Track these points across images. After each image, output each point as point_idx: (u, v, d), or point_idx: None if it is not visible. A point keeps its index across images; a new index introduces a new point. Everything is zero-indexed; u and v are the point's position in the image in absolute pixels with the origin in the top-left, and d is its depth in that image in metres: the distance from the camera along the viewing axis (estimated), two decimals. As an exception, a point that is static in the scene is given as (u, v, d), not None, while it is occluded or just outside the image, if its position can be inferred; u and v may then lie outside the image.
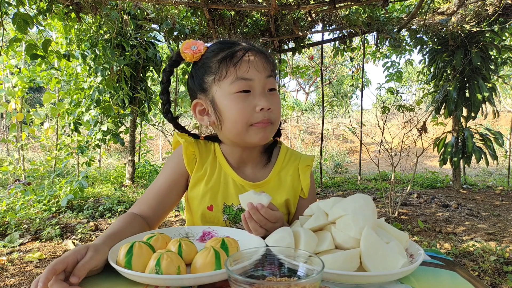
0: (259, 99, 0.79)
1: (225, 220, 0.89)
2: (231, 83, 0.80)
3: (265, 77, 0.81)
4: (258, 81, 0.80)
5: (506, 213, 3.85)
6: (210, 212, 0.88)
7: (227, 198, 0.89)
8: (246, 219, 0.71)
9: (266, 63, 0.82)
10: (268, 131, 0.83)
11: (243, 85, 0.79)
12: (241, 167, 0.92)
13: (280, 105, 0.85)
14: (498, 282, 2.14)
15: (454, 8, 4.00)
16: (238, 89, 0.79)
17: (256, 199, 0.71)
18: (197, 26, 4.24)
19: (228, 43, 0.84)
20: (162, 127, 5.95)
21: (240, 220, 0.88)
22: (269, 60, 0.84)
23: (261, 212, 0.70)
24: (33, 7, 3.18)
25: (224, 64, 0.81)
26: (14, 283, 2.10)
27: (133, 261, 0.56)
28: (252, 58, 0.81)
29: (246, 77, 0.79)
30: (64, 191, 3.76)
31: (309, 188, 0.94)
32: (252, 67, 0.80)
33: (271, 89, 0.83)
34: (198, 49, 0.85)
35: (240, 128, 0.81)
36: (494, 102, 4.70)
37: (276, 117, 0.83)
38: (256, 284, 0.40)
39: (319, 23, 4.45)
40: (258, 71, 0.80)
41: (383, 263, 0.55)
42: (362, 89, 5.63)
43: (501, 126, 10.95)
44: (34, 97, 12.26)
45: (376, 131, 7.95)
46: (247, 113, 0.79)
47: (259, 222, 0.71)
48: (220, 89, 0.81)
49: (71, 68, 4.75)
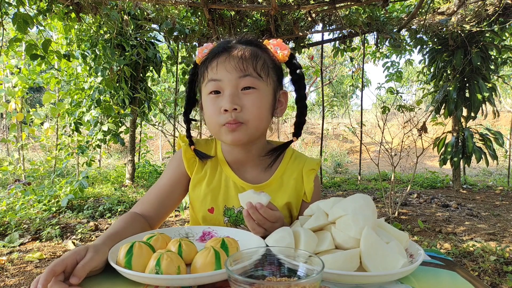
0: (224, 99, 0.79)
1: (226, 222, 0.89)
2: (205, 85, 0.83)
3: (237, 77, 0.79)
4: (228, 81, 0.79)
5: (506, 213, 3.85)
6: (211, 215, 0.89)
7: (228, 200, 0.89)
8: (245, 217, 0.72)
9: (241, 61, 0.79)
10: (240, 132, 0.80)
11: (212, 86, 0.81)
12: (241, 169, 0.91)
13: (257, 105, 0.80)
14: (498, 282, 2.14)
15: (454, 8, 4.00)
16: (209, 89, 0.81)
17: (256, 198, 0.71)
18: (197, 26, 4.24)
19: (216, 48, 0.84)
20: (162, 127, 5.95)
21: (241, 223, 0.88)
22: (250, 57, 0.80)
23: (260, 212, 0.70)
24: (33, 7, 3.18)
25: (202, 66, 0.84)
26: (14, 283, 2.10)
27: (133, 261, 0.56)
28: (223, 58, 0.80)
29: (215, 78, 0.80)
30: (64, 191, 3.77)
31: (312, 192, 0.92)
32: (222, 68, 0.79)
33: (246, 87, 0.79)
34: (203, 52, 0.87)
35: (214, 129, 0.83)
36: (494, 102, 4.70)
37: (248, 116, 0.79)
38: (256, 284, 0.40)
39: (319, 23, 4.45)
40: (228, 71, 0.79)
41: (383, 263, 0.55)
42: (362, 89, 5.63)
43: (501, 126, 10.95)
44: (34, 97, 12.26)
45: (376, 131, 7.95)
46: (216, 114, 0.80)
47: (258, 221, 0.71)
48: (202, 92, 0.85)
49: (71, 68, 4.75)
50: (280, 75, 0.89)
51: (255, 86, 0.80)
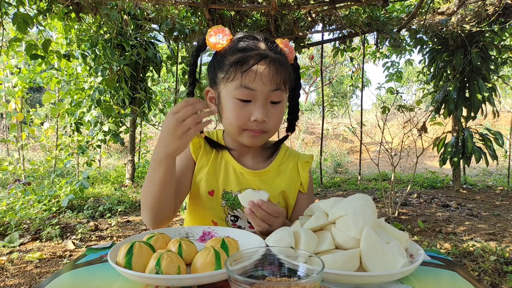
0: (256, 110, 0.81)
1: (223, 205, 0.92)
2: (235, 88, 0.82)
3: (269, 90, 0.81)
4: (261, 93, 0.81)
5: (506, 213, 3.85)
6: (210, 197, 0.92)
7: (227, 184, 0.93)
8: (248, 216, 0.74)
9: (276, 74, 0.81)
10: (261, 138, 0.86)
11: (245, 94, 0.81)
12: (242, 157, 0.96)
13: (280, 117, 0.87)
14: (498, 282, 2.14)
15: (454, 8, 4.00)
16: (240, 96, 0.82)
17: (256, 196, 0.72)
18: (197, 26, 4.24)
19: (246, 47, 0.84)
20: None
21: (237, 207, 0.92)
22: (282, 70, 0.82)
23: (263, 208, 0.73)
24: (33, 7, 3.18)
25: (234, 68, 0.82)
26: (14, 283, 2.10)
27: (133, 261, 0.56)
28: (262, 68, 0.80)
29: (250, 87, 0.80)
30: (64, 191, 3.77)
31: (308, 183, 0.98)
32: (258, 78, 0.80)
33: (274, 102, 0.84)
34: (222, 40, 0.86)
35: (234, 131, 0.86)
36: (494, 102, 4.69)
37: (271, 127, 0.85)
38: (256, 284, 0.40)
39: (319, 23, 4.45)
40: (263, 83, 0.80)
41: (383, 263, 0.55)
42: (362, 89, 5.63)
43: (501, 126, 10.95)
44: (34, 97, 12.26)
45: (376, 131, 7.95)
46: (242, 120, 0.83)
47: (261, 218, 0.74)
48: (226, 90, 0.84)
49: (71, 68, 4.75)
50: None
51: (281, 100, 0.85)
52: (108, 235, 3.05)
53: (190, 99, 0.71)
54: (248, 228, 0.92)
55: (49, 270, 2.28)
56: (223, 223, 0.93)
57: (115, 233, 3.10)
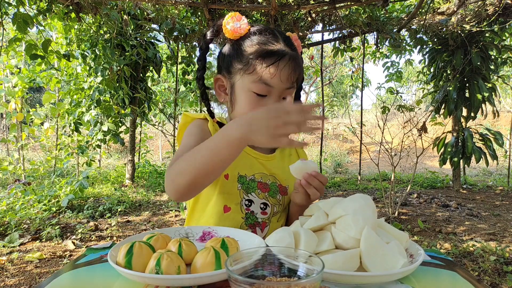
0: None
1: (239, 189, 0.91)
2: (253, 82, 0.82)
3: (285, 87, 0.83)
4: (278, 89, 0.82)
5: (506, 213, 3.85)
6: (226, 181, 0.91)
7: (241, 168, 0.92)
8: (305, 186, 0.79)
9: (293, 73, 0.83)
10: None
11: (263, 89, 0.82)
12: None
13: None
14: (498, 282, 2.14)
15: (454, 8, 4.00)
16: (257, 90, 0.82)
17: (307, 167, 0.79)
18: (197, 26, 4.24)
19: (267, 40, 0.84)
20: (162, 127, 5.95)
21: (252, 191, 0.92)
22: (298, 68, 0.84)
23: (318, 178, 0.79)
24: (33, 7, 3.18)
25: (255, 61, 0.82)
26: (14, 283, 2.10)
27: (133, 261, 0.56)
28: (282, 65, 0.81)
29: (269, 83, 0.81)
30: (64, 191, 3.77)
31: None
32: (277, 76, 0.81)
33: (285, 98, 0.85)
34: (240, 29, 0.85)
35: None
36: (494, 102, 4.70)
37: None
38: (256, 284, 0.40)
39: (319, 23, 4.45)
40: (281, 81, 0.82)
41: (383, 263, 0.55)
42: (362, 89, 5.63)
43: (501, 126, 10.95)
44: (34, 97, 12.26)
45: (376, 131, 7.96)
46: None
47: (316, 187, 0.79)
48: (242, 81, 0.84)
49: (71, 68, 4.75)
50: None
51: (291, 95, 0.87)
52: (108, 235, 3.05)
53: (307, 106, 0.64)
54: (260, 214, 0.91)
55: (49, 270, 2.28)
56: (237, 208, 0.91)
57: (115, 233, 3.10)
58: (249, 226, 0.90)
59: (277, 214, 0.94)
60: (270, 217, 0.92)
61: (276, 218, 0.94)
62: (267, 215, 0.92)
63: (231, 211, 0.89)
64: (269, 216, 0.92)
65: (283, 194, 0.95)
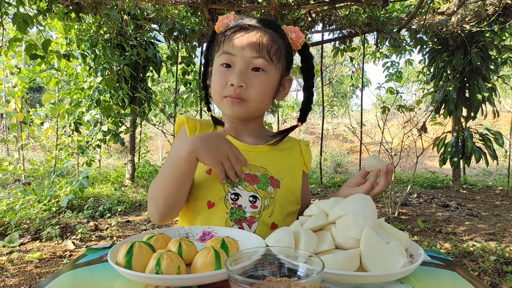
0: (233, 74, 0.83)
1: (223, 183, 0.86)
2: (219, 56, 0.86)
3: (250, 56, 0.82)
4: (241, 58, 0.83)
5: (506, 213, 3.85)
6: (208, 176, 0.87)
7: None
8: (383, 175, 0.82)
9: (257, 42, 0.82)
10: (240, 108, 0.85)
11: (225, 59, 0.84)
12: (239, 136, 0.94)
13: (263, 87, 0.85)
14: (498, 282, 2.14)
15: (454, 8, 4.00)
16: (221, 61, 0.85)
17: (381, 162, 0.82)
18: (197, 26, 4.24)
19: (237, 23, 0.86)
20: (162, 127, 5.95)
21: (237, 184, 0.87)
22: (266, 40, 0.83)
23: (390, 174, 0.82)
24: (33, 7, 3.18)
25: (221, 36, 0.86)
26: (14, 283, 2.10)
27: (133, 261, 0.56)
28: (243, 35, 0.83)
29: (229, 52, 0.83)
30: (64, 191, 3.77)
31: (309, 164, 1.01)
32: (238, 43, 0.82)
33: (256, 68, 0.83)
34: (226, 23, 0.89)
35: (217, 99, 0.88)
36: (494, 102, 4.70)
37: (251, 96, 0.84)
38: (256, 284, 0.40)
39: (319, 23, 4.45)
40: (243, 48, 0.82)
41: (383, 263, 0.55)
42: (362, 89, 5.63)
43: (501, 126, 10.95)
44: (34, 97, 12.26)
45: (376, 131, 7.96)
46: (222, 86, 0.84)
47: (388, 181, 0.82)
48: (215, 61, 0.88)
49: (71, 68, 4.75)
50: (290, 62, 0.93)
51: (264, 69, 0.84)
52: (108, 235, 3.05)
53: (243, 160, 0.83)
54: (249, 207, 0.85)
55: (49, 270, 2.28)
56: (221, 202, 0.86)
57: (115, 233, 3.10)
58: (234, 221, 0.84)
59: (268, 208, 0.86)
60: (261, 211, 0.86)
61: (267, 213, 0.86)
62: (257, 208, 0.85)
63: (215, 207, 0.85)
64: (260, 210, 0.86)
65: (275, 186, 0.88)
